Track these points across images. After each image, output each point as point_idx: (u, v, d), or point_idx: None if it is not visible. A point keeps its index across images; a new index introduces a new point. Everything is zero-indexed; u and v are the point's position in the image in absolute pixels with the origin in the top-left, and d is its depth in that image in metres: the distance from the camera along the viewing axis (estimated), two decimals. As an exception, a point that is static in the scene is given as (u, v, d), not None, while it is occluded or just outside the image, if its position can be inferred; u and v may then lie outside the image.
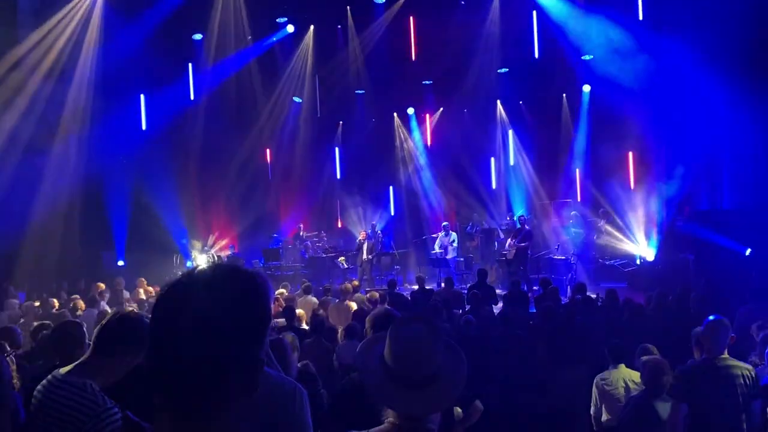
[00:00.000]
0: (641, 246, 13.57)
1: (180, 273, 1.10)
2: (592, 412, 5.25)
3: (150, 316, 1.06)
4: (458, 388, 1.75)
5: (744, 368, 3.70)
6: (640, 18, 13.88)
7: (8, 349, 4.57)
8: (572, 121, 16.41)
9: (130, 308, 8.61)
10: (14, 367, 4.20)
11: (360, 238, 14.83)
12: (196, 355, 0.98)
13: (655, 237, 13.42)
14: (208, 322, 0.99)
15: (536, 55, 15.13)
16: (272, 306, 1.12)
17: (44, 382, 2.30)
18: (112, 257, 14.35)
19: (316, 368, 5.10)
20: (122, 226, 14.22)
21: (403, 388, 1.69)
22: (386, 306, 6.13)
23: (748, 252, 11.20)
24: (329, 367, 5.71)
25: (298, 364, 4.80)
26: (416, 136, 18.43)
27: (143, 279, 11.38)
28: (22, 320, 8.18)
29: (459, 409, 3.62)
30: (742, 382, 3.58)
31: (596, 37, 14.06)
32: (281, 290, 9.76)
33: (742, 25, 11.46)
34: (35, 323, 6.76)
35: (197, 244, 15.76)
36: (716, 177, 13.62)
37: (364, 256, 14.40)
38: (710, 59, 11.78)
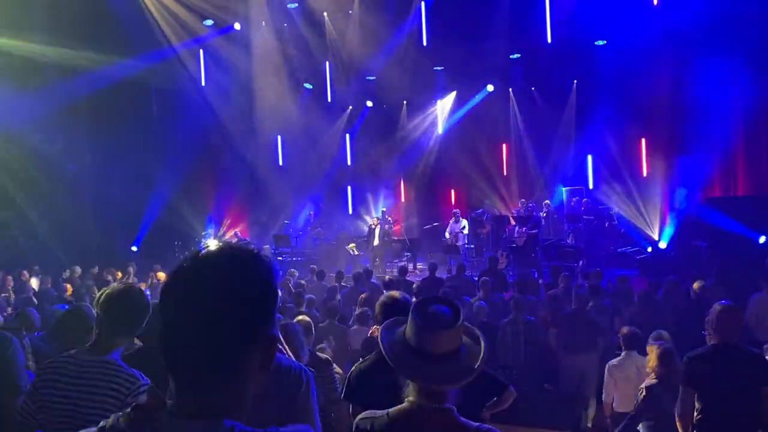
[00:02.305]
0: (654, 233, 13.50)
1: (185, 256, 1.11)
2: (603, 398, 5.27)
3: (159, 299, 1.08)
4: (477, 365, 1.82)
5: (756, 354, 3.69)
6: (655, 3, 13.69)
7: (24, 333, 4.64)
8: (584, 107, 16.25)
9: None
10: (30, 350, 4.26)
11: (372, 223, 14.80)
12: (208, 335, 1.00)
13: (667, 224, 13.33)
14: (216, 301, 1.00)
15: (549, 41, 14.97)
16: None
17: (65, 362, 2.34)
18: (126, 243, 14.47)
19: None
20: (139, 213, 14.36)
21: (424, 361, 1.77)
22: (394, 291, 6.17)
23: (762, 240, 11.10)
24: (343, 349, 5.78)
25: (319, 346, 4.86)
26: (427, 123, 18.34)
27: (158, 266, 11.49)
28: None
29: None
30: (754, 368, 3.56)
31: (610, 22, 13.89)
32: (292, 272, 9.84)
33: (759, 8, 11.29)
34: (51, 307, 6.88)
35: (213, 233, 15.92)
36: (731, 163, 13.47)
37: (376, 241, 14.39)
38: (724, 43, 11.62)
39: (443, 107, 18.12)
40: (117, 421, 1.07)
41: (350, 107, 18.19)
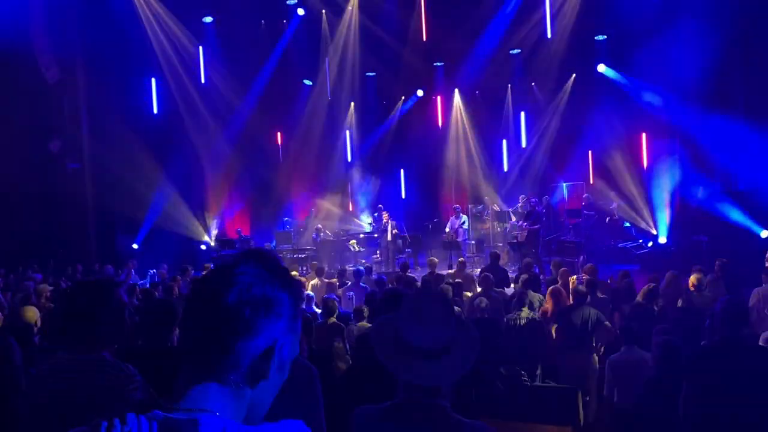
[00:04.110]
0: (654, 228, 13.49)
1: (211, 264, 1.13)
2: (605, 394, 5.27)
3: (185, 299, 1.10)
4: (470, 362, 1.80)
5: (762, 348, 3.68)
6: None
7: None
8: (584, 101, 16.22)
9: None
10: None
11: (384, 219, 14.74)
12: (235, 341, 1.02)
13: (667, 219, 13.31)
14: (245, 310, 1.02)
15: (549, 36, 14.94)
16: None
17: (57, 363, 2.34)
18: (127, 240, 14.45)
19: (328, 348, 5.16)
20: (143, 211, 14.35)
21: (416, 359, 1.75)
22: (392, 287, 6.17)
23: (763, 234, 11.08)
24: (341, 346, 5.78)
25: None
26: (427, 118, 18.32)
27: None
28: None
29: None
30: (760, 362, 3.55)
31: (610, 17, 13.84)
32: (293, 273, 9.76)
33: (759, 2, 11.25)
34: (48, 305, 6.87)
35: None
36: (731, 157, 13.43)
37: (389, 237, 14.33)
38: (725, 37, 11.56)
39: (446, 102, 18.10)
40: (108, 420, 1.07)
41: (351, 104, 18.17)
